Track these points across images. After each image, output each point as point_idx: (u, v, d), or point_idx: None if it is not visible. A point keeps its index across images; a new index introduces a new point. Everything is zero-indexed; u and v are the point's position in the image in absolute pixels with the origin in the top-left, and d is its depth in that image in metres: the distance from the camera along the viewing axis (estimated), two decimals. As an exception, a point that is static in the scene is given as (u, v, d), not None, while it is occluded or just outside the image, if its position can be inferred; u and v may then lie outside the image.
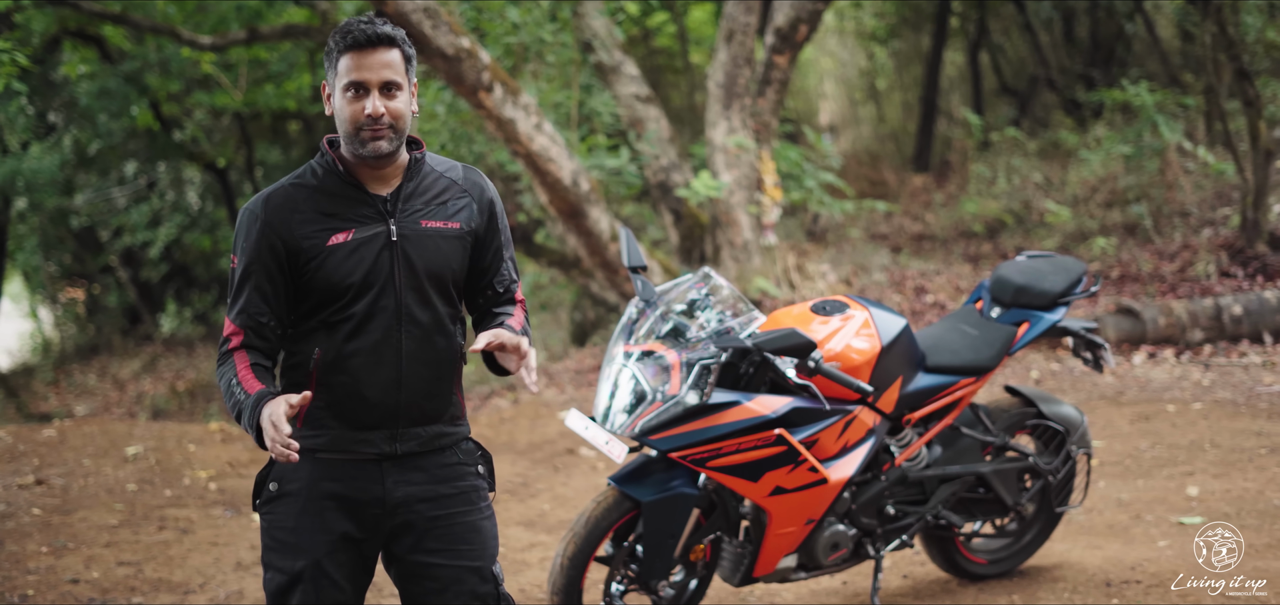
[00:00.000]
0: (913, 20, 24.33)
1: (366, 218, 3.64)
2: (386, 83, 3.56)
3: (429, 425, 3.73)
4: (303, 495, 3.65)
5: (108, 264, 24.89)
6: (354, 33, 3.55)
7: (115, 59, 19.01)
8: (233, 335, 3.63)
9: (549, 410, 11.08)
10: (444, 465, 3.76)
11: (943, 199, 18.93)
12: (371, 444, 3.65)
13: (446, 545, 3.73)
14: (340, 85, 3.57)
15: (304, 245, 3.59)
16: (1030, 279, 6.11)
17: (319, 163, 3.70)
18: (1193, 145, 15.01)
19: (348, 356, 3.61)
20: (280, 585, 3.66)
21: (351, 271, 3.59)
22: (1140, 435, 8.75)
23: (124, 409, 19.05)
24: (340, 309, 3.61)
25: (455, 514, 3.75)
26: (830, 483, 5.44)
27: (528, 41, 13.11)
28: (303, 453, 3.62)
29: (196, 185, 24.47)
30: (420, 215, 3.70)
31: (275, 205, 3.62)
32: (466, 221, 3.78)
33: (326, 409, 3.63)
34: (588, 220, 12.32)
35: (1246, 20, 13.67)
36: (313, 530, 3.63)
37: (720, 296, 5.47)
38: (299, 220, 3.60)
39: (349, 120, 3.57)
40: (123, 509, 8.16)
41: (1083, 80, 21.04)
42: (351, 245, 3.61)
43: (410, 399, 3.67)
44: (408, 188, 3.70)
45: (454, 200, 3.78)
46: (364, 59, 3.54)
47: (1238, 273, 12.57)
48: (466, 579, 3.75)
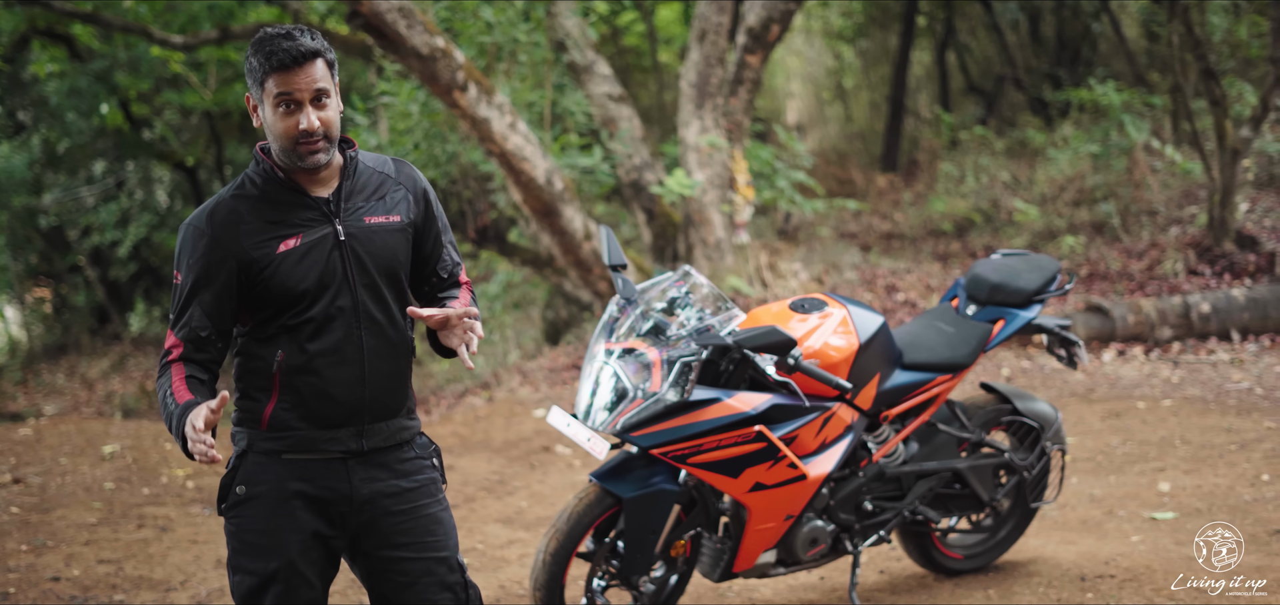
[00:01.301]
0: (880, 19, 24.42)
1: (312, 221, 3.66)
2: (316, 94, 3.57)
3: (391, 420, 3.78)
4: (271, 497, 3.66)
5: (76, 263, 24.77)
6: (278, 54, 3.51)
7: (84, 58, 18.94)
8: (173, 348, 3.65)
9: (524, 408, 11.11)
10: (404, 460, 3.81)
11: (911, 198, 19.02)
12: (339, 442, 3.68)
13: (413, 538, 3.78)
14: (269, 101, 3.56)
15: (254, 256, 3.59)
16: (1005, 277, 6.17)
17: (255, 172, 3.70)
18: (1160, 145, 15.14)
19: (312, 357, 3.63)
20: (252, 587, 3.67)
21: (304, 276, 3.61)
22: (1111, 432, 8.83)
23: (93, 408, 18.99)
24: (298, 313, 3.62)
25: (418, 507, 3.81)
26: (809, 479, 5.49)
27: (501, 41, 13.13)
28: (269, 454, 3.66)
29: (165, 184, 24.38)
30: (363, 212, 3.73)
31: (221, 220, 3.62)
32: (405, 214, 3.82)
33: (293, 410, 3.65)
34: (562, 219, 12.35)
35: (1213, 20, 13.81)
36: (284, 530, 3.65)
37: (700, 294, 5.51)
38: (246, 231, 3.61)
39: (283, 134, 3.57)
40: (101, 507, 8.17)
41: (1049, 80, 21.17)
42: (301, 250, 3.62)
43: (374, 395, 3.71)
44: (346, 187, 3.72)
45: (391, 193, 3.81)
46: (292, 78, 3.53)
47: (1205, 271, 12.70)
48: (435, 570, 3.81)
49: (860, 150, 24.10)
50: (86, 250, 24.20)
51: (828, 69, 27.19)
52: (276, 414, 3.65)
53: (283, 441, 3.66)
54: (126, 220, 23.00)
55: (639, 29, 21.45)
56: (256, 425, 3.66)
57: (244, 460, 3.69)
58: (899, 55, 22.92)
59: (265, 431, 3.66)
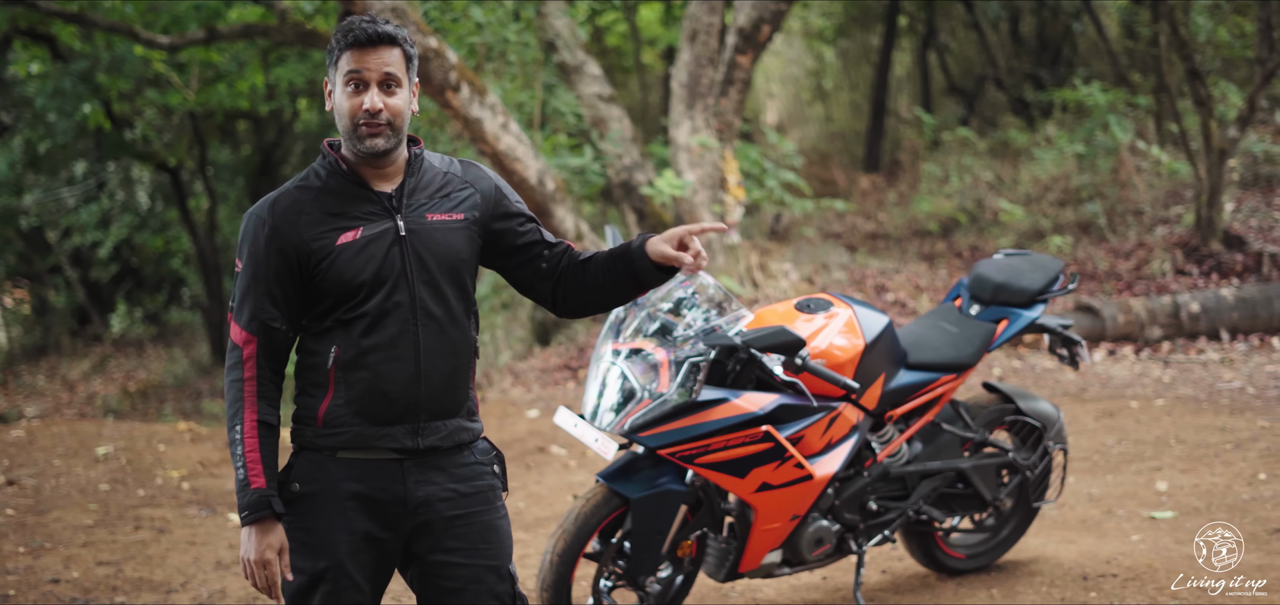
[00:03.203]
0: (861, 19, 24.43)
1: (373, 215, 3.65)
2: (386, 78, 3.59)
3: (449, 419, 3.74)
4: (324, 496, 3.65)
5: (56, 264, 24.66)
6: (355, 30, 3.58)
7: (67, 58, 18.85)
8: (245, 343, 3.61)
9: (516, 409, 11.11)
10: (462, 465, 3.77)
11: (896, 198, 19.06)
12: (393, 439, 3.65)
13: (465, 544, 3.75)
14: (340, 79, 3.60)
15: (313, 247, 3.59)
16: (1009, 277, 6.20)
17: (321, 165, 3.71)
18: (1146, 145, 15.21)
19: (366, 352, 3.61)
20: (300, 586, 3.65)
21: (361, 269, 3.60)
22: (1106, 431, 8.87)
23: (75, 410, 18.94)
24: (354, 307, 3.61)
25: (474, 513, 3.77)
26: (815, 479, 5.50)
27: (491, 41, 13.13)
28: (324, 452, 3.65)
29: (146, 185, 24.27)
30: (426, 209, 3.72)
31: (282, 209, 3.63)
32: (470, 211, 3.80)
33: (347, 406, 3.62)
34: (553, 219, 12.36)
35: (1197, 21, 13.87)
36: (335, 530, 3.64)
37: (706, 295, 5.51)
38: (306, 222, 3.61)
39: (347, 114, 3.59)
40: (97, 509, 8.14)
41: (1030, 80, 21.23)
42: (360, 243, 3.61)
43: (430, 392, 3.68)
44: (410, 183, 3.72)
45: (456, 192, 3.80)
46: (365, 55, 3.57)
47: (1193, 270, 12.76)
48: (485, 578, 3.77)
49: (841, 151, 24.13)
50: (67, 251, 24.09)
51: (808, 69, 27.19)
52: (331, 409, 3.63)
53: (337, 438, 3.63)
54: (107, 221, 22.91)
55: (620, 29, 21.43)
56: (312, 422, 3.64)
57: (299, 458, 3.69)
58: (881, 55, 22.94)
59: (320, 428, 3.65)
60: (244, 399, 3.61)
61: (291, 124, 22.92)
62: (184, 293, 25.78)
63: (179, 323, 25.05)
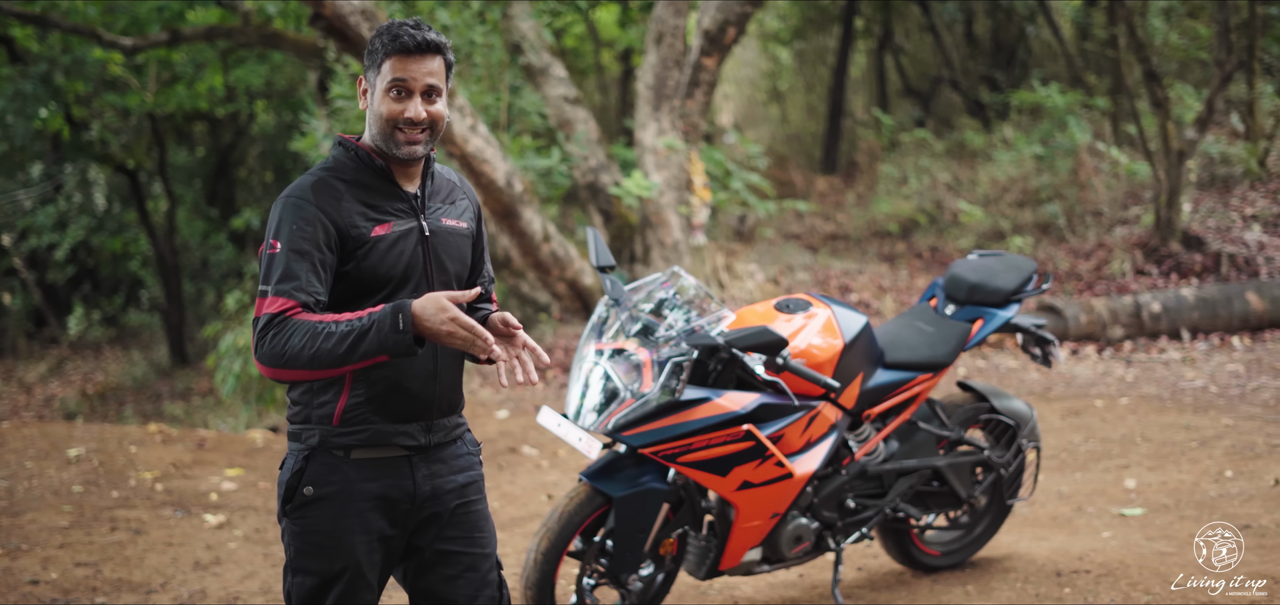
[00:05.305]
0: (817, 21, 24.54)
1: (402, 212, 3.69)
2: (429, 88, 3.62)
3: (452, 416, 3.82)
4: (340, 498, 3.65)
5: (11, 267, 24.45)
6: (402, 38, 3.59)
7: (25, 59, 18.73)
8: (289, 309, 3.47)
9: (485, 410, 11.13)
10: (458, 455, 3.84)
11: (854, 199, 19.16)
12: (409, 436, 3.69)
13: (463, 533, 3.82)
14: (382, 85, 3.62)
15: (352, 233, 3.59)
16: (983, 277, 6.28)
17: (345, 157, 3.71)
18: (1105, 146, 15.37)
19: None
20: (312, 588, 3.66)
21: (394, 264, 3.63)
22: (1072, 430, 8.98)
23: (33, 412, 18.79)
24: (379, 301, 3.62)
25: (470, 503, 3.85)
26: (795, 477, 5.56)
27: (457, 43, 13.14)
28: (339, 453, 3.66)
29: (103, 186, 24.11)
30: (441, 213, 3.78)
31: (322, 191, 3.61)
32: (470, 222, 3.90)
33: (366, 403, 3.63)
34: (521, 221, 12.38)
35: (1154, 23, 14.04)
36: (353, 532, 3.65)
37: (687, 296, 5.57)
38: (345, 208, 3.61)
39: (387, 118, 3.61)
40: (71, 510, 8.11)
41: (986, 81, 21.39)
42: (392, 238, 3.65)
43: (442, 390, 3.74)
44: (428, 187, 3.78)
45: (460, 200, 3.88)
46: (409, 63, 3.59)
47: (1152, 270, 12.91)
48: (480, 566, 3.85)
49: (798, 152, 24.23)
50: (23, 253, 23.89)
51: (763, 71, 27.29)
52: (350, 407, 3.64)
53: (354, 436, 3.64)
54: (64, 223, 22.72)
55: (577, 30, 21.46)
56: (327, 422, 3.63)
57: (311, 460, 3.66)
58: (839, 57, 23.06)
59: (337, 427, 3.64)
60: (304, 318, 3.46)
61: (248, 126, 22.83)
62: (142, 295, 25.62)
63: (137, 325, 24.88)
